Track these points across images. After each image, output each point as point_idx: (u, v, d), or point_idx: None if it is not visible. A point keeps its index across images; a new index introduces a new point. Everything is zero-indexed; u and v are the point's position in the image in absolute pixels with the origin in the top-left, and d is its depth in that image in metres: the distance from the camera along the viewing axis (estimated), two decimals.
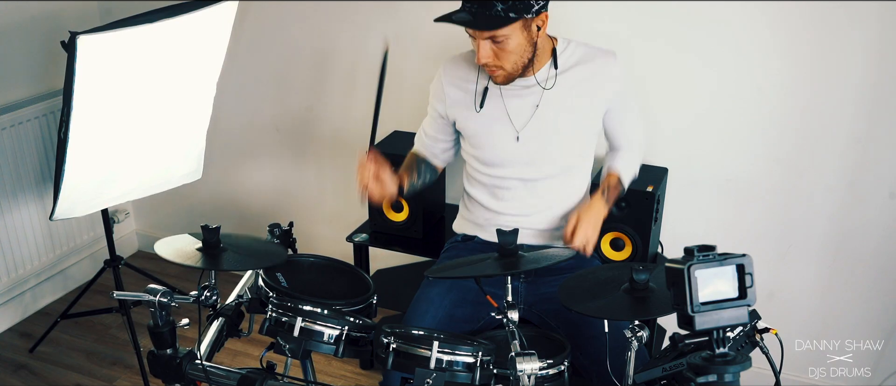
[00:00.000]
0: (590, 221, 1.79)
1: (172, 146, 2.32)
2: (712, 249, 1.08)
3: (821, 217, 2.22)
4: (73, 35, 1.77)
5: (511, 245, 1.50)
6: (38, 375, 2.60)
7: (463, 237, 2.01)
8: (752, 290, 1.08)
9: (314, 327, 1.44)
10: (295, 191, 3.01)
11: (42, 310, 2.98)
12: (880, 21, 1.97)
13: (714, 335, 1.09)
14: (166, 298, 1.46)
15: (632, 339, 1.30)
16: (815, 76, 2.08)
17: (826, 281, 2.28)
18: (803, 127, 2.14)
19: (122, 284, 2.62)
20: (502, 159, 1.85)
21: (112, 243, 2.61)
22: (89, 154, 1.99)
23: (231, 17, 2.22)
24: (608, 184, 1.88)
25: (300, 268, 1.77)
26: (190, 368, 1.50)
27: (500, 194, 1.90)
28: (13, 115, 2.68)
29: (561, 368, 1.43)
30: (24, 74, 2.80)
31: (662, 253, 2.36)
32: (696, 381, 1.09)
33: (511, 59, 1.71)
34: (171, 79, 2.14)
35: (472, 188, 1.96)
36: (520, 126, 1.82)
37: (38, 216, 2.86)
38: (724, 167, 2.28)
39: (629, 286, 1.36)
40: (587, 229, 1.77)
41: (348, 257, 2.43)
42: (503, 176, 1.87)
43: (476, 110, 1.84)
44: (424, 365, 1.33)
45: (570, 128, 1.83)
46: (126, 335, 2.67)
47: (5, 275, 2.79)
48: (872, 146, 2.09)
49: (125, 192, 2.28)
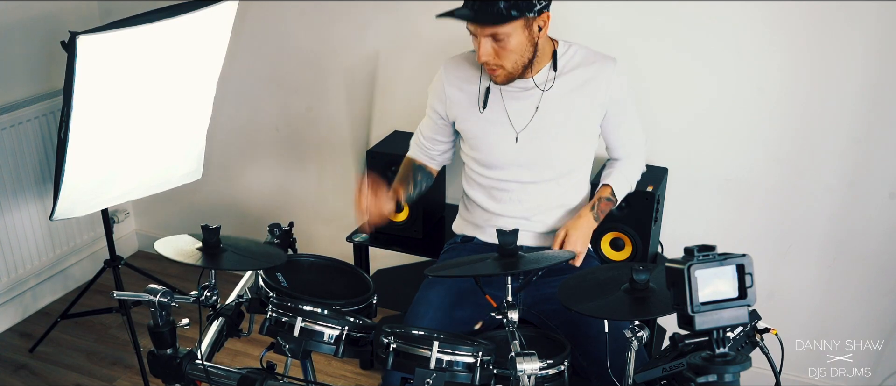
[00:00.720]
0: (578, 234, 1.80)
1: (172, 146, 2.32)
2: (712, 249, 1.08)
3: (821, 217, 2.22)
4: (73, 35, 1.77)
5: (511, 245, 1.50)
6: (38, 375, 2.60)
7: (462, 238, 2.01)
8: (752, 290, 1.08)
9: (314, 327, 1.44)
10: (295, 191, 3.01)
11: (42, 310, 2.98)
12: (880, 21, 1.97)
13: (714, 335, 1.09)
14: (166, 298, 1.46)
15: (632, 339, 1.30)
16: (815, 76, 2.08)
17: (826, 281, 2.28)
18: (803, 127, 2.14)
19: (122, 284, 2.62)
20: (501, 161, 1.85)
21: (112, 243, 2.61)
22: (89, 154, 1.99)
23: (231, 17, 2.22)
24: (599, 196, 1.88)
25: (300, 268, 1.77)
26: (190, 368, 1.50)
27: (498, 196, 1.90)
28: (13, 115, 2.68)
29: (561, 369, 1.43)
30: (24, 74, 2.80)
31: (662, 253, 2.36)
32: (696, 381, 1.09)
33: (511, 59, 1.71)
34: (171, 79, 2.14)
35: (470, 190, 1.96)
36: (519, 128, 1.82)
37: (38, 216, 2.86)
38: (724, 167, 2.28)
39: (629, 286, 1.36)
40: (575, 243, 1.79)
41: (348, 257, 2.43)
42: (502, 178, 1.87)
43: (479, 111, 1.84)
44: (424, 365, 1.33)
45: (569, 131, 1.83)
46: (126, 335, 2.67)
47: (5, 275, 2.79)
48: (872, 146, 2.09)
49: (125, 192, 2.28)
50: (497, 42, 1.68)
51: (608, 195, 1.89)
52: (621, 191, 1.92)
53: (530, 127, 1.82)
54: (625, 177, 1.93)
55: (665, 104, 2.26)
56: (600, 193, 1.89)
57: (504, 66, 1.73)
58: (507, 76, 1.76)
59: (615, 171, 1.93)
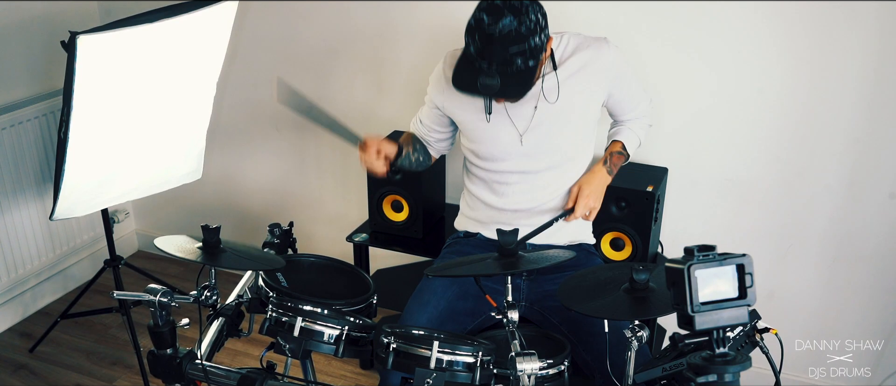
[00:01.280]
0: (591, 188, 1.79)
1: (172, 146, 2.32)
2: (712, 249, 1.08)
3: (821, 217, 2.22)
4: (73, 35, 1.77)
5: (511, 245, 1.50)
6: (38, 375, 2.60)
7: (465, 233, 2.01)
8: (752, 290, 1.08)
9: (314, 327, 1.44)
10: (295, 191, 3.01)
11: (42, 310, 2.98)
12: (880, 21, 1.97)
13: (714, 335, 1.09)
14: (166, 297, 1.47)
15: (632, 339, 1.31)
16: (815, 76, 2.08)
17: (826, 281, 2.28)
18: (803, 127, 2.14)
19: (122, 284, 2.62)
20: (503, 154, 1.85)
21: (112, 243, 2.61)
22: (89, 154, 1.99)
23: (231, 17, 2.22)
24: (611, 151, 1.88)
25: (300, 268, 1.77)
26: (190, 367, 1.50)
27: (499, 189, 1.89)
28: (13, 115, 2.68)
29: (561, 368, 1.43)
30: (24, 74, 2.80)
31: (662, 253, 2.36)
32: (696, 381, 1.09)
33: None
34: (171, 79, 2.14)
35: (471, 184, 1.96)
36: (522, 123, 1.82)
37: (38, 216, 2.86)
38: (724, 167, 2.28)
39: (629, 286, 1.37)
40: (588, 198, 1.78)
41: (348, 257, 2.43)
42: (503, 170, 1.87)
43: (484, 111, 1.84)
44: (424, 365, 1.33)
45: (571, 118, 1.83)
46: (126, 335, 2.67)
47: (5, 275, 2.79)
48: (872, 146, 2.09)
49: (125, 192, 2.28)
50: None
51: (619, 149, 1.88)
52: (632, 145, 1.91)
53: (534, 120, 1.82)
54: (634, 133, 1.92)
55: (665, 104, 2.26)
56: (611, 148, 1.89)
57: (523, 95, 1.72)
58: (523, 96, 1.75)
59: (624, 129, 1.92)
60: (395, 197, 2.44)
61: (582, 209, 1.76)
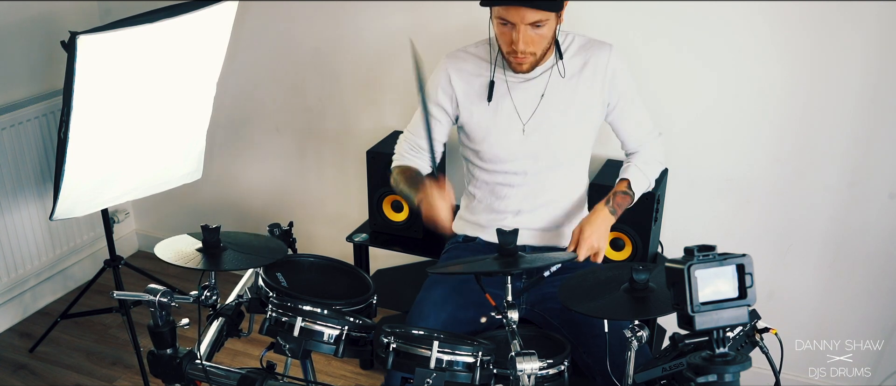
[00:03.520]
0: (592, 228, 1.78)
1: (172, 146, 2.32)
2: (712, 249, 1.08)
3: (821, 217, 2.22)
4: (73, 35, 1.77)
5: (511, 245, 1.50)
6: (38, 375, 2.60)
7: (464, 237, 2.01)
8: (752, 290, 1.08)
9: (314, 327, 1.44)
10: (295, 191, 3.01)
11: (42, 310, 2.98)
12: (880, 21, 1.97)
13: (714, 335, 1.09)
14: (166, 297, 1.47)
15: (632, 339, 1.30)
16: (815, 76, 2.08)
17: (826, 281, 2.28)
18: (803, 127, 2.14)
19: (122, 284, 2.62)
20: (507, 153, 1.85)
21: (112, 243, 2.61)
22: (89, 154, 1.99)
23: (231, 17, 2.22)
24: (616, 190, 1.88)
25: (300, 268, 1.77)
26: (190, 367, 1.50)
27: (500, 192, 1.90)
28: (13, 115, 2.68)
29: (561, 368, 1.43)
30: (24, 74, 2.80)
31: (662, 253, 2.36)
32: (696, 381, 1.09)
33: (542, 45, 1.74)
34: (171, 79, 2.14)
35: (473, 188, 1.96)
36: (525, 118, 1.83)
37: (38, 216, 2.86)
38: (724, 167, 2.28)
39: (629, 286, 1.37)
40: (589, 239, 1.77)
41: (348, 257, 2.43)
42: (505, 171, 1.87)
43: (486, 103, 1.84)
44: (424, 365, 1.33)
45: (572, 117, 1.83)
46: (126, 335, 2.67)
47: (5, 275, 2.79)
48: (872, 146, 2.09)
49: (125, 192, 2.28)
50: (536, 29, 1.69)
51: (624, 189, 1.87)
52: (638, 183, 1.90)
53: (536, 116, 1.82)
54: (641, 171, 1.92)
55: (665, 104, 2.26)
56: (616, 188, 1.89)
57: (535, 53, 1.75)
58: (534, 63, 1.77)
59: (631, 167, 1.92)
60: (395, 197, 2.44)
61: (585, 251, 1.76)
